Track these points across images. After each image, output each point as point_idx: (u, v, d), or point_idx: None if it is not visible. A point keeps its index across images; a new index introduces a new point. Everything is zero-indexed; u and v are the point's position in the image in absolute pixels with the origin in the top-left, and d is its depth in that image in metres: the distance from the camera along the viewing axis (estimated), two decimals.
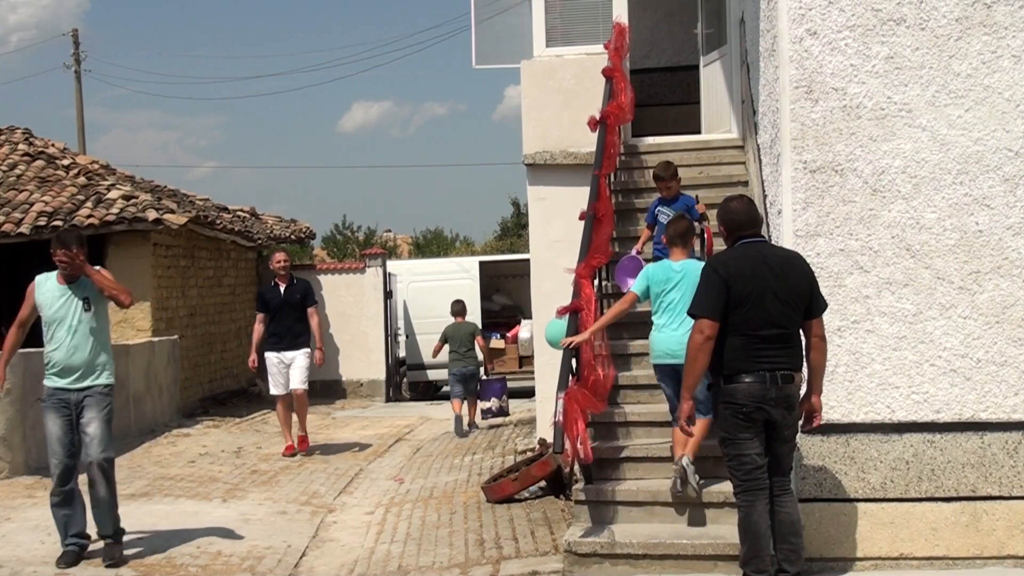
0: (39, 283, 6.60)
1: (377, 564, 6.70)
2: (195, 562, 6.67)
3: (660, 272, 6.53)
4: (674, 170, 7.71)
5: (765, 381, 5.19)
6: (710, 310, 5.19)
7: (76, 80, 32.39)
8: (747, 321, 5.18)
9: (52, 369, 6.52)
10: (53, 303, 6.52)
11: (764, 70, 7.07)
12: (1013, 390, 5.84)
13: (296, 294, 10.84)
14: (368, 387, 18.61)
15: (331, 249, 39.41)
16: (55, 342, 6.51)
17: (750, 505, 5.26)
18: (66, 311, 6.50)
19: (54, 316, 6.50)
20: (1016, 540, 5.81)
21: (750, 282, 5.20)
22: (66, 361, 6.48)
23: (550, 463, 7.89)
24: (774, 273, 5.24)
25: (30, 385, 9.74)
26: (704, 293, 5.27)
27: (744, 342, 5.19)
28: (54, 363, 6.51)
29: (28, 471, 9.52)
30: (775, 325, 5.21)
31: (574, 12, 10.10)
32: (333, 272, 19.28)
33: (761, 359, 5.20)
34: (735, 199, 5.52)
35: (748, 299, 5.18)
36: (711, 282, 5.25)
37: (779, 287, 5.22)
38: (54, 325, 6.50)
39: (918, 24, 5.89)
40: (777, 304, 5.21)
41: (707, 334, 5.17)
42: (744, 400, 5.21)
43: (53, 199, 14.02)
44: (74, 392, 6.48)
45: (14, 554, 6.83)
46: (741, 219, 5.40)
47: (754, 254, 5.31)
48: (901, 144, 5.91)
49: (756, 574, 5.27)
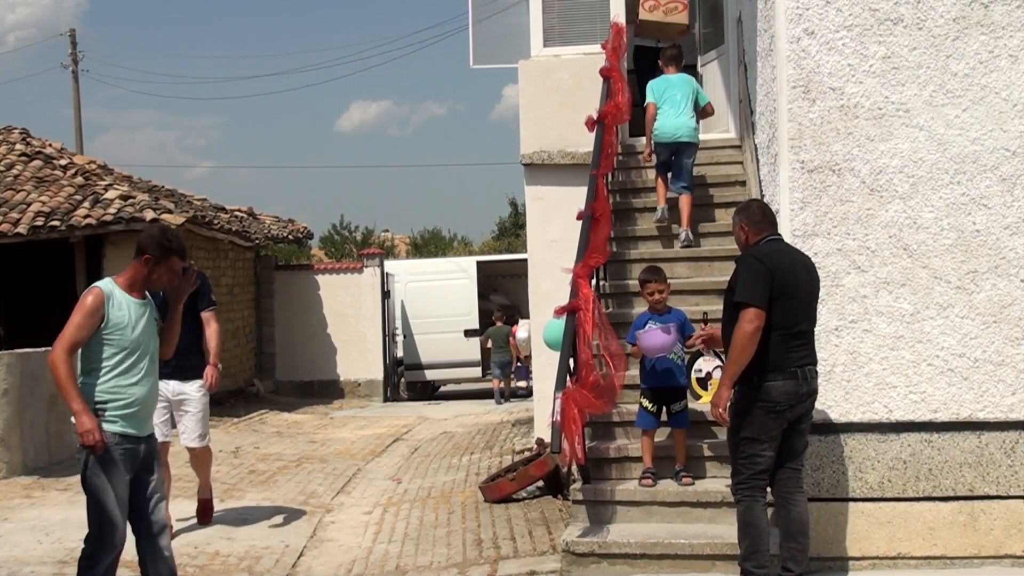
0: (109, 293, 4.87)
1: (375, 564, 6.69)
2: (193, 562, 6.67)
3: (661, 83, 8.63)
4: (663, 275, 6.69)
5: (797, 378, 5.20)
6: (758, 299, 5.11)
7: (74, 80, 32.40)
8: (783, 316, 5.16)
9: (126, 410, 4.87)
10: (136, 323, 4.91)
11: (761, 70, 7.07)
12: (1011, 389, 5.84)
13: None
14: (366, 387, 18.63)
15: (329, 249, 39.45)
16: (134, 374, 4.90)
17: (753, 500, 5.26)
18: (148, 335, 5.00)
19: (138, 340, 4.91)
20: (1013, 539, 5.82)
21: (788, 276, 5.22)
22: (146, 400, 4.98)
23: (548, 463, 7.90)
24: (803, 270, 5.33)
25: (27, 386, 9.76)
26: (751, 282, 5.17)
27: (779, 339, 5.17)
28: (130, 403, 4.89)
29: (25, 471, 9.52)
30: (804, 320, 5.28)
31: (571, 12, 10.10)
32: (331, 272, 19.30)
33: (792, 356, 5.20)
34: (755, 201, 5.66)
35: (785, 293, 5.18)
36: (758, 272, 5.18)
37: (807, 283, 5.32)
38: (135, 352, 4.91)
39: (915, 24, 5.89)
40: (807, 300, 5.30)
41: (756, 324, 5.09)
42: (780, 398, 5.17)
43: (50, 199, 14.02)
44: (142, 442, 4.96)
45: (11, 554, 6.82)
46: (769, 218, 5.49)
47: (786, 250, 5.41)
48: (898, 144, 5.91)
49: (757, 569, 5.24)
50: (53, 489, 8.94)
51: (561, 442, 5.82)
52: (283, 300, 19.01)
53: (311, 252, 36.36)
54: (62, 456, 9.89)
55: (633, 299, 8.08)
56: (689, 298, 7.57)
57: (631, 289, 8.15)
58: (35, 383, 9.86)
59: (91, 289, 4.91)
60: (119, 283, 4.94)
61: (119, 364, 4.85)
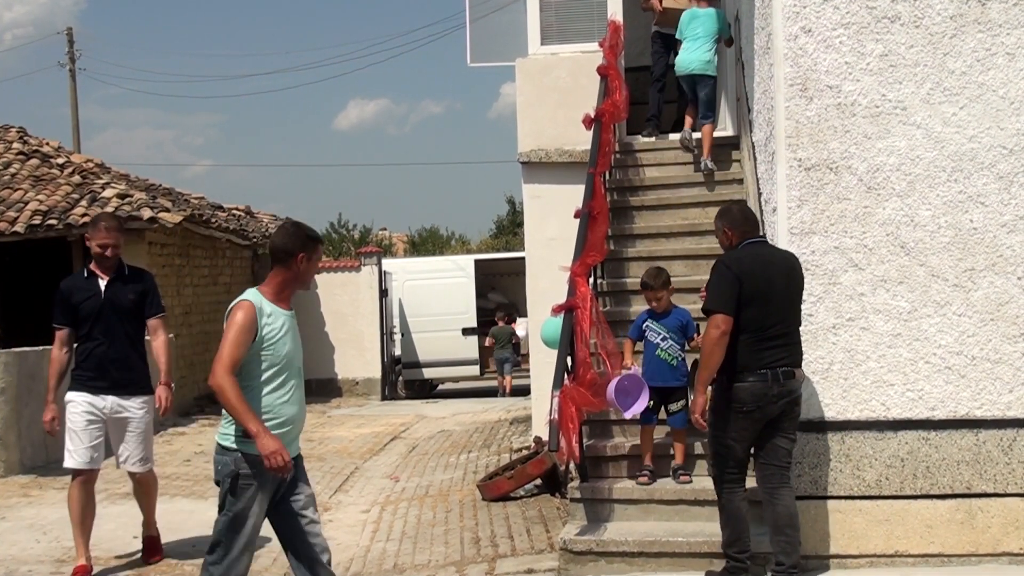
0: (259, 306, 4.46)
1: (373, 562, 6.69)
2: (191, 561, 6.67)
3: (688, 16, 9.05)
4: (666, 278, 6.56)
5: (767, 379, 5.32)
6: (724, 305, 5.28)
7: (71, 78, 32.41)
8: (755, 319, 5.30)
9: (279, 430, 4.46)
10: (285, 336, 4.53)
11: (759, 68, 7.07)
12: (1008, 387, 5.84)
13: (128, 293, 6.33)
14: (364, 385, 18.62)
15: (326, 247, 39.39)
16: (285, 392, 4.54)
17: (732, 492, 5.48)
18: (296, 348, 4.63)
19: (289, 355, 4.55)
20: (1011, 537, 5.82)
21: (760, 280, 5.34)
22: (296, 419, 4.62)
23: (545, 461, 7.90)
24: (780, 272, 5.43)
25: (25, 384, 9.76)
26: (718, 289, 5.35)
27: (750, 340, 5.31)
28: (283, 422, 4.51)
29: (23, 470, 9.51)
30: (780, 323, 5.38)
31: (569, 10, 10.10)
32: (329, 271, 19.28)
33: (764, 357, 5.32)
34: (736, 203, 5.82)
35: (758, 297, 5.31)
36: (725, 278, 5.34)
37: (784, 285, 5.41)
38: (287, 368, 4.55)
39: (913, 21, 5.89)
40: (783, 302, 5.39)
41: (723, 329, 5.25)
42: (747, 399, 5.33)
43: (48, 198, 14.01)
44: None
45: (9, 553, 6.82)
46: (751, 220, 5.65)
47: (762, 252, 5.51)
48: (896, 142, 5.91)
49: (740, 554, 5.46)
50: (51, 488, 8.94)
51: (559, 440, 5.82)
52: None
53: None
54: (60, 455, 9.87)
55: (631, 297, 8.09)
56: (687, 296, 7.55)
57: (629, 287, 8.16)
58: (32, 382, 9.85)
59: (240, 303, 4.47)
60: (265, 294, 4.54)
61: (271, 381, 4.49)
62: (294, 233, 4.60)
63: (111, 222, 6.41)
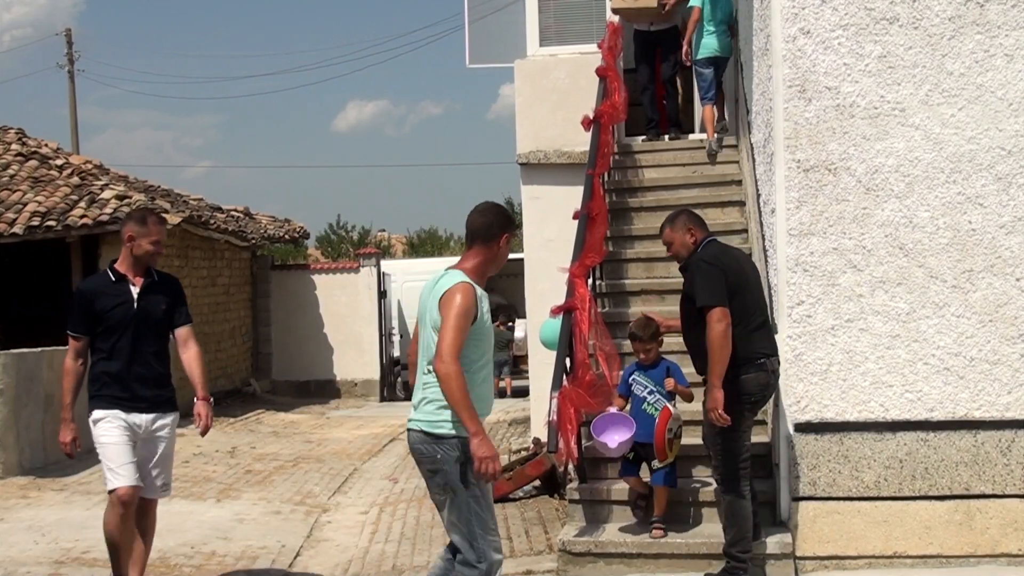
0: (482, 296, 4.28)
1: (371, 564, 6.69)
2: (189, 562, 6.66)
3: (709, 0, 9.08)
4: (655, 330, 6.16)
5: (766, 369, 5.49)
6: (720, 299, 5.36)
7: (69, 80, 32.38)
8: (740, 310, 5.42)
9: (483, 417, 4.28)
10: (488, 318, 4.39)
11: (757, 69, 7.07)
12: (1006, 388, 5.84)
13: (161, 303, 5.56)
14: (362, 387, 18.62)
15: (325, 249, 39.41)
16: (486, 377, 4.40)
17: (740, 491, 5.52)
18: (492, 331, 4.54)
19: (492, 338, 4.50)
20: (1009, 538, 5.82)
21: (738, 273, 5.53)
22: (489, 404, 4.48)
23: (544, 462, 7.90)
24: (748, 264, 5.79)
25: (24, 386, 9.75)
26: (708, 285, 5.41)
27: (740, 332, 5.39)
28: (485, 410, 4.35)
29: (22, 471, 9.50)
30: (759, 311, 5.58)
31: (568, 11, 10.12)
32: (327, 272, 19.28)
33: (756, 348, 5.47)
34: (683, 210, 5.93)
35: (739, 289, 5.46)
36: (711, 274, 5.44)
37: (756, 277, 5.70)
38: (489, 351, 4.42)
39: (911, 23, 5.89)
40: (757, 292, 5.64)
41: (726, 321, 5.33)
42: (754, 390, 5.48)
43: (46, 199, 13.98)
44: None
45: (8, 554, 6.81)
46: (703, 221, 5.84)
47: (727, 248, 5.79)
48: (894, 143, 5.91)
49: (743, 554, 5.52)
50: (49, 489, 8.93)
51: (557, 441, 5.82)
52: (279, 300, 19.00)
53: (307, 252, 36.30)
54: (58, 456, 9.87)
55: (629, 299, 8.10)
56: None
57: (627, 289, 8.17)
58: (31, 383, 9.85)
59: (459, 287, 4.18)
60: (469, 274, 4.29)
61: (483, 368, 4.26)
62: (499, 213, 4.51)
63: (157, 217, 5.59)
